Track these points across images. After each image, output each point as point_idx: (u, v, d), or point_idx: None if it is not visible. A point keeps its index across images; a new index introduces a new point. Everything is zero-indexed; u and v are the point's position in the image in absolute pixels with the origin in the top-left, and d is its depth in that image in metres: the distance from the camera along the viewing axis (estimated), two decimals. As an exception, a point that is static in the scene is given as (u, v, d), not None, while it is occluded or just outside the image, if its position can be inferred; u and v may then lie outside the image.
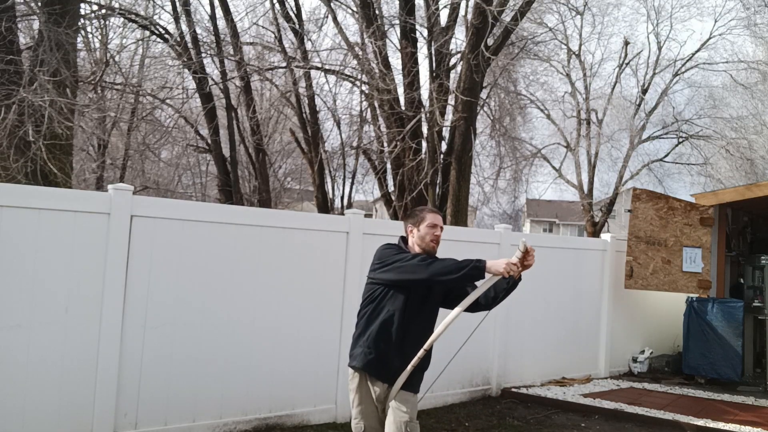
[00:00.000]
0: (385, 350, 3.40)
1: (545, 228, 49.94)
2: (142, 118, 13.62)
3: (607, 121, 21.00)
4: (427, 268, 3.28)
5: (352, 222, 6.13)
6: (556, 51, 19.11)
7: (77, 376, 4.58)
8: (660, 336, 9.54)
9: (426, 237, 3.51)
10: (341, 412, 5.90)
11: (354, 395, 3.52)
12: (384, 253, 3.49)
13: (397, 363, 3.39)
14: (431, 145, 10.56)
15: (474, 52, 9.63)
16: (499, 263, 3.24)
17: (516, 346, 7.57)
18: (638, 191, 9.18)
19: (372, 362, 3.41)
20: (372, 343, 3.41)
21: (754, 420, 6.55)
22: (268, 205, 13.74)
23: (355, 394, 3.51)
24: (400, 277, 3.36)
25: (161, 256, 4.98)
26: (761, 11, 18.49)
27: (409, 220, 3.63)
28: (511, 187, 18.62)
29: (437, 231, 3.55)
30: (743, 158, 19.35)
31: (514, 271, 3.23)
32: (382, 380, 3.44)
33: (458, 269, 3.22)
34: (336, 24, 11.83)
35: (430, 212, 3.61)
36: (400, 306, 3.40)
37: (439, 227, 3.57)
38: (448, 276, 3.24)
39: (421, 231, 3.53)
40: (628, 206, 9.37)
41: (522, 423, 6.32)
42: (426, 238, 3.51)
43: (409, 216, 3.66)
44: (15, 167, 6.95)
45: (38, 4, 8.10)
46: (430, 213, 3.60)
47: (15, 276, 4.37)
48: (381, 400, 3.46)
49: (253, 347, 5.45)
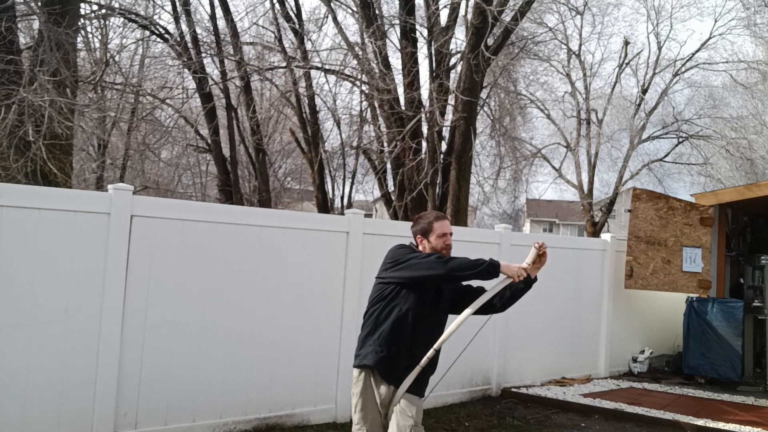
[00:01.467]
0: (397, 350, 3.36)
1: (545, 228, 49.93)
2: (142, 118, 13.61)
3: (607, 121, 21.00)
4: (445, 264, 3.29)
5: (352, 222, 6.13)
6: (556, 51, 19.12)
7: (77, 376, 4.58)
8: (660, 336, 9.54)
9: (437, 246, 3.49)
10: (341, 412, 5.90)
11: (357, 399, 3.44)
12: (397, 252, 3.46)
13: (405, 363, 3.36)
14: (431, 145, 10.56)
15: (474, 52, 9.63)
16: (512, 267, 3.31)
17: (516, 346, 7.57)
18: (638, 191, 9.18)
19: (383, 360, 3.35)
20: (384, 341, 3.36)
21: (754, 420, 6.55)
22: (268, 205, 13.73)
23: (358, 398, 3.43)
24: (417, 274, 3.33)
25: (161, 256, 4.98)
26: (761, 11, 18.49)
27: (417, 230, 3.58)
28: (511, 187, 18.63)
29: (448, 239, 3.53)
30: (743, 158, 19.34)
31: (523, 275, 3.32)
32: (389, 381, 3.40)
33: (475, 266, 3.24)
34: (336, 24, 11.83)
35: (437, 220, 3.54)
36: (412, 305, 3.37)
37: (448, 234, 3.54)
38: (465, 272, 3.26)
39: (432, 242, 3.50)
40: (628, 206, 9.37)
41: (522, 423, 6.32)
42: (437, 248, 3.49)
43: (416, 225, 3.60)
44: (15, 167, 6.95)
45: (38, 4, 8.10)
46: (437, 221, 3.54)
47: (15, 276, 4.37)
48: (385, 404, 3.41)
49: (253, 347, 5.45)
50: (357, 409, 3.44)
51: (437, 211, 4.05)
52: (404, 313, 3.36)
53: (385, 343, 3.36)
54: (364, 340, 3.47)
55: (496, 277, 3.32)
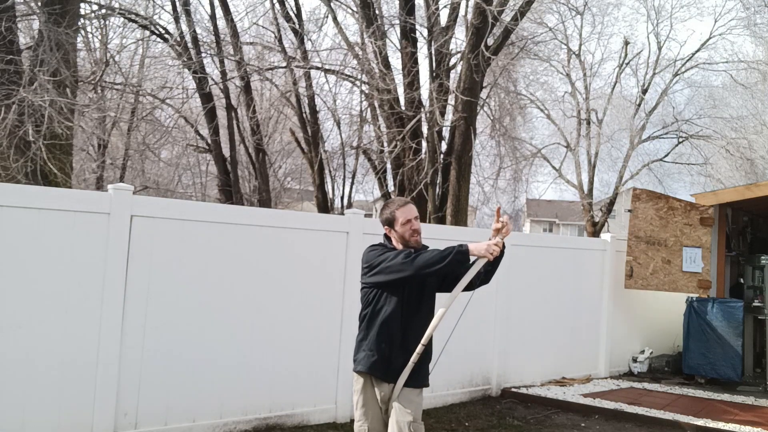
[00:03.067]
0: (388, 351, 3.39)
1: (545, 228, 49.95)
2: (142, 118, 13.61)
3: (607, 121, 20.98)
4: (412, 263, 3.25)
5: (352, 222, 6.13)
6: (556, 51, 19.10)
7: (77, 376, 4.58)
8: (660, 336, 9.54)
9: (405, 234, 3.45)
10: (341, 412, 5.90)
11: (358, 396, 3.49)
12: (369, 256, 3.45)
13: (401, 361, 3.38)
14: (431, 145, 10.56)
15: (474, 52, 9.63)
16: (481, 246, 3.25)
17: (516, 346, 7.57)
18: (638, 191, 9.18)
19: (375, 364, 3.39)
20: (374, 345, 3.40)
21: (754, 420, 6.55)
22: (268, 205, 13.73)
23: (359, 395, 3.48)
24: (389, 278, 3.33)
25: (161, 256, 4.98)
26: (761, 11, 18.49)
27: (383, 221, 3.53)
28: (511, 187, 18.62)
29: (414, 224, 3.45)
30: (743, 158, 19.33)
31: (496, 251, 3.26)
32: (387, 381, 3.43)
33: (442, 258, 3.20)
34: (336, 24, 11.84)
35: (398, 208, 3.47)
36: (397, 305, 3.39)
37: (413, 219, 3.46)
38: (433, 267, 3.22)
39: (399, 230, 3.46)
40: (628, 206, 9.37)
41: (522, 423, 6.32)
42: (405, 236, 3.45)
43: (381, 215, 3.56)
44: (15, 167, 6.95)
45: (38, 4, 8.10)
46: (399, 209, 3.47)
47: (15, 276, 4.38)
48: (385, 400, 3.45)
49: (253, 347, 5.45)
50: (358, 406, 3.49)
51: (401, 198, 3.95)
52: (390, 314, 3.39)
53: (376, 346, 3.40)
54: (359, 344, 3.50)
55: (467, 262, 3.29)
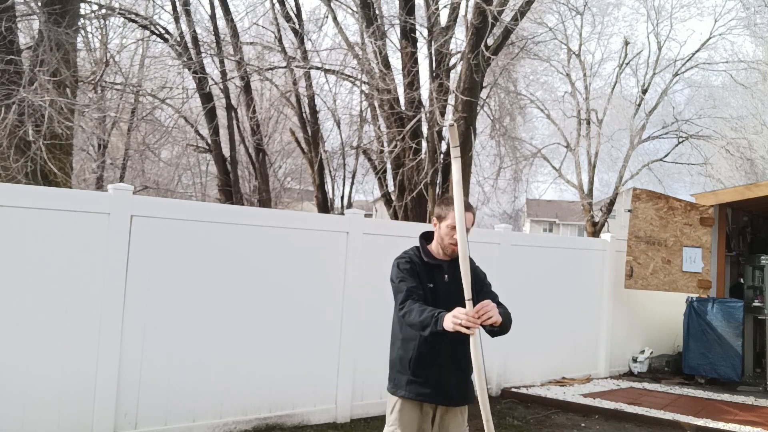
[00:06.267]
0: (437, 372, 3.06)
1: (545, 228, 49.93)
2: (142, 118, 13.61)
3: (607, 121, 20.96)
4: (402, 318, 3.00)
5: (352, 222, 6.13)
6: (556, 51, 19.09)
7: (77, 376, 4.58)
8: (660, 336, 9.54)
9: (445, 239, 3.14)
10: (341, 412, 5.90)
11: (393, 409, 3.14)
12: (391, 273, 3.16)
13: (454, 379, 3.10)
14: (431, 145, 10.55)
15: (474, 52, 9.62)
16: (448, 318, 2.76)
17: (516, 347, 7.55)
18: (638, 191, 9.18)
19: (421, 390, 3.06)
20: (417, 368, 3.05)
21: (754, 420, 6.55)
22: (268, 205, 13.72)
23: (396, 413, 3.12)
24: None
25: (161, 255, 4.98)
26: (761, 11, 18.49)
27: (438, 210, 3.21)
28: (511, 187, 18.59)
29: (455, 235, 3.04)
30: (743, 158, 19.32)
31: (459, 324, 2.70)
32: (439, 403, 3.11)
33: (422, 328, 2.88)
34: (336, 24, 11.83)
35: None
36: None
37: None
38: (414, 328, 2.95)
39: (442, 230, 3.15)
40: (628, 206, 9.37)
41: (522, 423, 6.32)
42: (445, 240, 3.14)
43: (438, 206, 3.24)
44: (15, 167, 6.95)
45: (38, 4, 8.09)
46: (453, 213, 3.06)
47: (15, 275, 4.38)
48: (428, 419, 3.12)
49: (253, 347, 5.45)
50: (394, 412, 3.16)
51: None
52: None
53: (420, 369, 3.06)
54: (397, 362, 3.14)
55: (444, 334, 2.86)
